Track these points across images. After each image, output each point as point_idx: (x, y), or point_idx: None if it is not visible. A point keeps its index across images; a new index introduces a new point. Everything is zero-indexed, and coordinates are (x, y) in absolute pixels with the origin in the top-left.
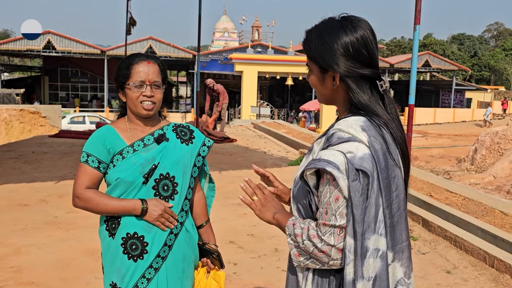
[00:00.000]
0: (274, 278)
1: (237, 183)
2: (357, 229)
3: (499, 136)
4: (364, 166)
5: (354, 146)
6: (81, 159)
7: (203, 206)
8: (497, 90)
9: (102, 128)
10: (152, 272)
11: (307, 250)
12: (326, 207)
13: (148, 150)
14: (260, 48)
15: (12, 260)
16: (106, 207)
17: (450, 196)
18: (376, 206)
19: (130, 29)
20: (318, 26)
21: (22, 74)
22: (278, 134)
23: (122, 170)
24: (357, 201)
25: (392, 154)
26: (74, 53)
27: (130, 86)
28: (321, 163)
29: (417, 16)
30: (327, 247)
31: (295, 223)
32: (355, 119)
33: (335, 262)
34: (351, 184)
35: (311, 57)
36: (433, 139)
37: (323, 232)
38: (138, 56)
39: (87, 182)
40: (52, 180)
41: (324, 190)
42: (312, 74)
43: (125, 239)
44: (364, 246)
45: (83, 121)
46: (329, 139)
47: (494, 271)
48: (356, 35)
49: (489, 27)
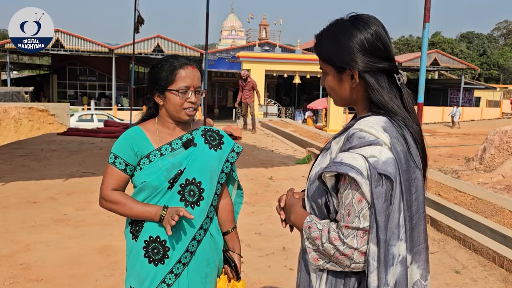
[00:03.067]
0: (282, 277)
1: (244, 182)
2: (381, 236)
3: (508, 135)
4: (388, 171)
5: (377, 150)
6: (109, 160)
7: (230, 213)
8: (506, 89)
9: (130, 130)
10: (173, 277)
11: (327, 253)
12: (348, 208)
13: (175, 155)
14: (267, 46)
15: (21, 257)
16: (131, 210)
17: (458, 195)
18: (398, 211)
19: (138, 28)
20: (329, 28)
21: (31, 72)
22: (286, 133)
23: (148, 174)
24: (381, 207)
25: (413, 156)
26: (82, 52)
27: (177, 92)
28: (343, 167)
29: (427, 14)
30: (349, 250)
31: (310, 226)
32: (376, 118)
33: (357, 265)
34: (374, 190)
35: (326, 60)
36: (442, 138)
37: (345, 235)
38: (180, 59)
39: (113, 184)
40: (61, 177)
41: (345, 192)
42: (327, 77)
43: (148, 242)
44: (390, 253)
45: (91, 119)
46: (349, 139)
47: (504, 272)
48: (370, 31)
49: (498, 25)
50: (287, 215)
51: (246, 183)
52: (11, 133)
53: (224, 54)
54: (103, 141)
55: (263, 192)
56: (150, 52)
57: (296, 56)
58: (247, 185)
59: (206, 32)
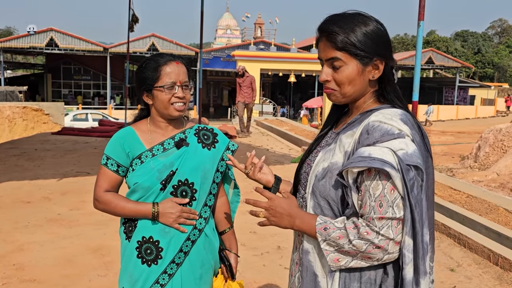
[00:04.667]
0: (277, 276)
1: (238, 181)
2: (417, 228)
3: (502, 133)
4: (418, 162)
5: (404, 142)
6: (102, 161)
7: (226, 212)
8: (501, 87)
9: (122, 130)
10: (167, 277)
11: (357, 250)
12: (380, 199)
13: (167, 155)
14: (262, 45)
15: (14, 257)
16: (123, 210)
17: (453, 193)
18: (426, 200)
19: (133, 26)
20: (352, 20)
21: (25, 71)
22: (281, 131)
23: (140, 175)
24: (415, 199)
25: (427, 145)
26: (77, 51)
27: (163, 88)
28: (375, 162)
29: (421, 12)
30: (385, 242)
31: (327, 227)
32: (391, 111)
33: (390, 256)
34: (409, 183)
35: (350, 50)
36: (436, 136)
37: (379, 227)
38: (164, 56)
39: (106, 185)
40: (55, 177)
41: (373, 184)
42: (345, 70)
43: (141, 242)
44: (425, 242)
45: (86, 118)
46: (370, 132)
47: (498, 269)
48: (382, 27)
49: (493, 24)
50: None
51: (241, 182)
52: (5, 133)
53: (219, 53)
54: (98, 140)
55: None
56: (145, 51)
57: (291, 55)
58: (242, 184)
59: (200, 31)
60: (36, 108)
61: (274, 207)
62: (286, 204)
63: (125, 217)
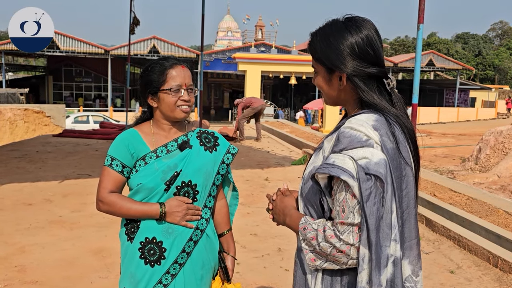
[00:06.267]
0: (277, 277)
1: (240, 183)
2: (372, 239)
3: (503, 135)
4: (379, 172)
5: (369, 152)
6: (105, 162)
7: (225, 215)
8: (502, 89)
9: (126, 132)
10: (169, 278)
11: (324, 252)
12: (343, 205)
13: (171, 157)
14: (263, 47)
15: (16, 259)
16: (129, 211)
17: (454, 195)
18: (391, 212)
19: (134, 29)
20: (323, 28)
21: (27, 73)
22: (282, 134)
23: (144, 176)
24: (370, 209)
25: (402, 152)
26: (78, 53)
27: (169, 91)
28: (335, 169)
29: (421, 15)
30: (346, 247)
31: (306, 227)
32: (366, 116)
33: (354, 261)
34: (365, 193)
35: (317, 59)
36: (437, 138)
37: (341, 231)
38: (170, 60)
39: (110, 186)
40: (56, 179)
41: (339, 189)
42: (318, 76)
43: (143, 243)
44: (384, 255)
45: (87, 120)
46: (339, 139)
47: (498, 271)
48: (361, 35)
49: (494, 26)
50: (280, 217)
51: (242, 184)
52: (6, 135)
53: (220, 55)
54: (99, 142)
55: (259, 193)
56: (146, 53)
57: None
58: (243, 186)
59: (201, 33)
60: (37, 110)
61: (275, 205)
62: (283, 203)
63: (129, 218)
